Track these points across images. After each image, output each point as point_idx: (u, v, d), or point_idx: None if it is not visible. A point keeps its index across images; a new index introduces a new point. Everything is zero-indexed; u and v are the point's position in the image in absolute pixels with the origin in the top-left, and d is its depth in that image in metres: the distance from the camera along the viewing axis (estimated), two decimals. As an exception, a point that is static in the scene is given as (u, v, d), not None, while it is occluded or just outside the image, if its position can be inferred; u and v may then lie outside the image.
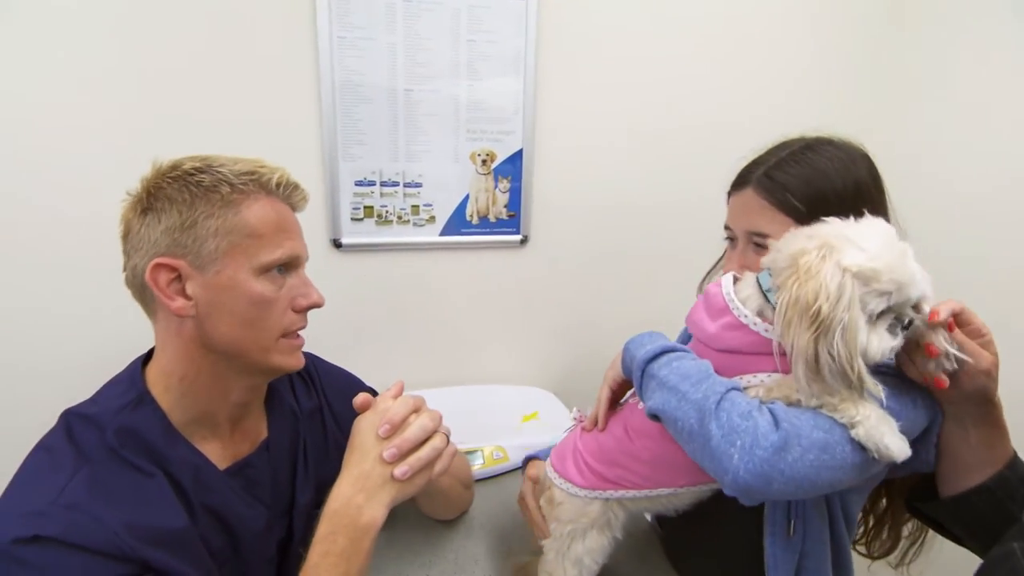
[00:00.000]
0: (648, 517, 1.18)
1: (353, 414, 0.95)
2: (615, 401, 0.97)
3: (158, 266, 0.74)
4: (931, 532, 0.93)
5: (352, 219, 1.53)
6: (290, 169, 0.83)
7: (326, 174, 1.48)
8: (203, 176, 0.75)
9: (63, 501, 0.67)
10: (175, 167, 0.76)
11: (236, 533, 0.82)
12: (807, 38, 1.74)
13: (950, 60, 1.63)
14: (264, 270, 0.77)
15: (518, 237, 1.67)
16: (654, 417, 0.78)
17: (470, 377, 1.71)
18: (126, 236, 0.78)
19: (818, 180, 0.83)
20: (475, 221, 1.62)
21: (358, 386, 1.10)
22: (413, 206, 1.56)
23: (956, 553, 0.87)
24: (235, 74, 1.38)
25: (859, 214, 0.74)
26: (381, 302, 1.61)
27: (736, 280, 0.82)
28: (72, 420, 0.75)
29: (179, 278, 0.75)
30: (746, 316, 0.76)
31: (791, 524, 0.85)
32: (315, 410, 1.00)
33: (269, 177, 0.78)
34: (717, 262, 1.08)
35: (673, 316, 1.72)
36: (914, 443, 0.73)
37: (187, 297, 0.75)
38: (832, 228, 0.72)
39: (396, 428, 0.80)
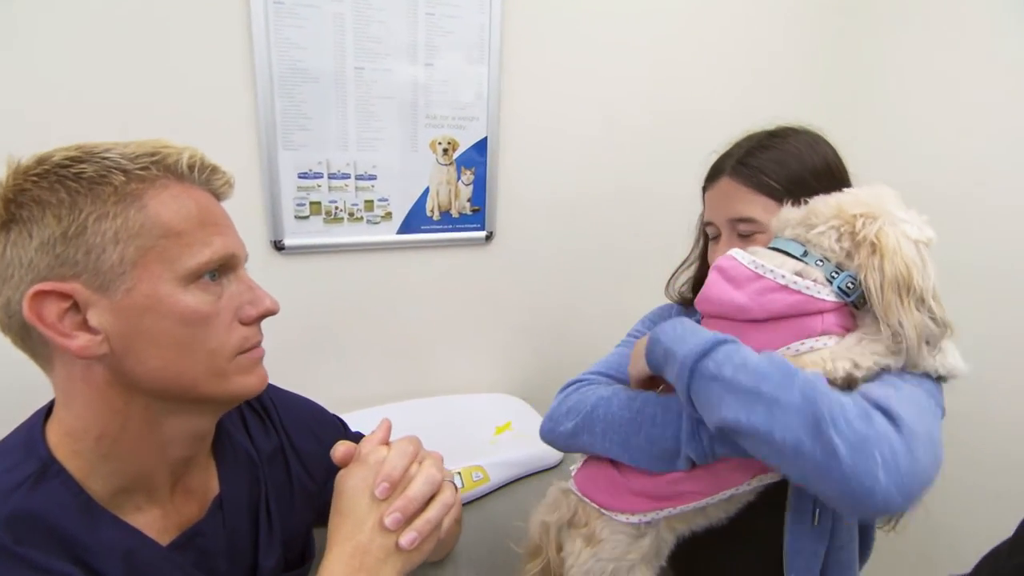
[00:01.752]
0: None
1: (321, 452, 0.84)
2: None
3: (40, 295, 0.57)
4: None
5: (296, 217, 1.37)
6: (220, 161, 0.68)
7: (264, 165, 1.31)
8: (83, 166, 0.58)
9: None
10: (41, 161, 0.59)
11: None
12: (782, 26, 1.74)
13: (913, 56, 1.66)
14: (192, 277, 0.62)
15: (483, 233, 1.56)
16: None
17: (433, 388, 1.60)
18: None
19: (791, 161, 0.86)
20: (436, 217, 1.50)
21: (326, 418, 0.96)
22: (366, 201, 1.42)
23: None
24: (143, 45, 1.17)
25: (832, 185, 0.82)
26: (331, 311, 1.46)
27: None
28: None
29: (75, 307, 0.58)
30: (784, 277, 0.73)
31: (816, 513, 0.82)
32: (276, 451, 0.85)
33: (177, 158, 0.63)
34: (683, 262, 1.09)
35: (646, 308, 1.71)
36: None
37: (91, 331, 0.59)
38: (864, 198, 0.75)
39: (396, 485, 0.67)
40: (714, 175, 0.93)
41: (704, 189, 0.96)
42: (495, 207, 1.55)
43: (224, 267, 0.65)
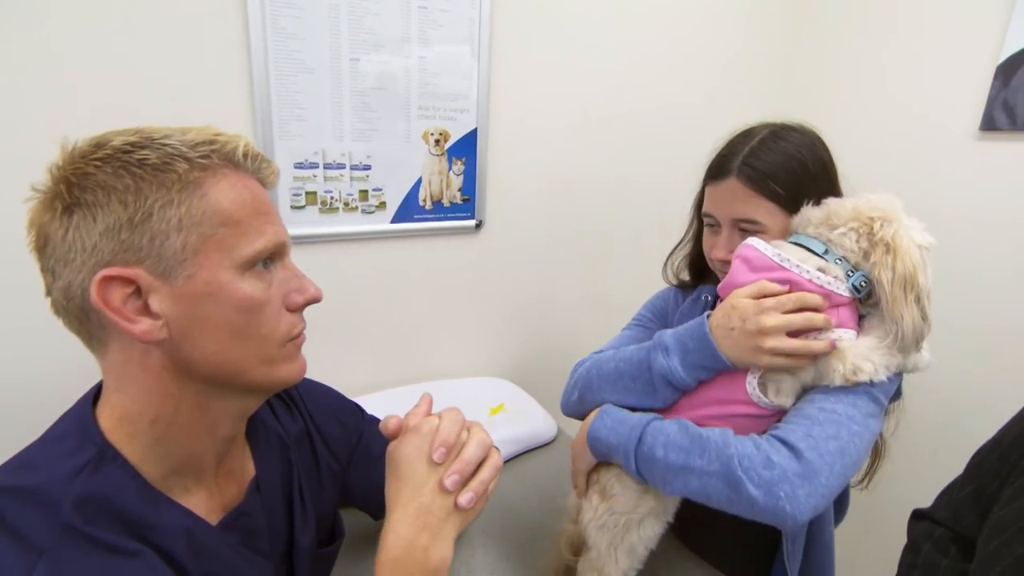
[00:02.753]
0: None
1: (343, 435, 0.92)
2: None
3: (108, 280, 0.58)
4: (887, 448, 1.03)
5: (292, 207, 1.38)
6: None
7: (260, 156, 1.32)
8: (145, 152, 0.59)
9: None
10: (100, 145, 0.59)
11: None
12: (744, 27, 1.84)
13: (863, 52, 1.80)
14: (248, 265, 0.63)
15: (473, 222, 1.60)
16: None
17: (427, 373, 1.65)
18: (43, 248, 0.60)
19: (794, 165, 0.92)
20: (428, 206, 1.53)
21: (345, 403, 1.00)
22: (361, 191, 1.44)
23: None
24: (144, 34, 1.17)
25: (829, 189, 0.92)
26: (327, 299, 1.44)
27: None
28: None
29: (138, 292, 0.59)
30: (808, 272, 0.82)
31: None
32: (302, 434, 0.88)
33: (234, 147, 0.64)
34: (678, 244, 1.15)
35: (631, 297, 1.78)
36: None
37: (153, 316, 0.60)
38: (879, 204, 0.83)
39: (452, 450, 0.71)
40: (720, 173, 0.96)
41: (706, 182, 1.00)
42: (484, 197, 1.59)
43: (274, 255, 0.67)
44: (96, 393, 0.67)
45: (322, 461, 0.89)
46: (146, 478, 0.63)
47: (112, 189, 0.58)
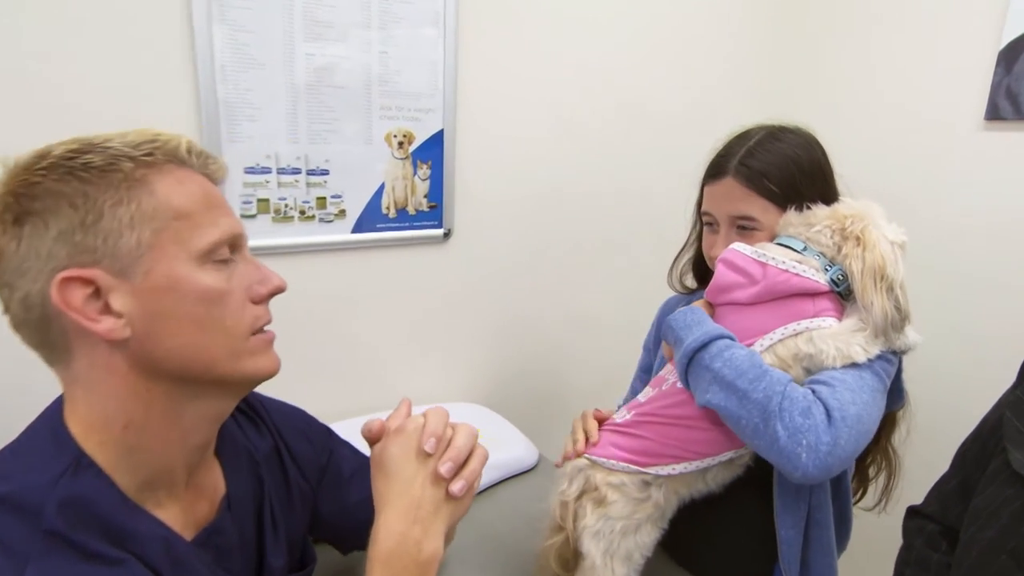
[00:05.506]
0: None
1: (315, 455, 0.95)
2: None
3: (67, 281, 0.60)
4: (902, 471, 1.11)
5: (243, 216, 1.32)
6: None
7: (206, 159, 1.26)
8: (89, 156, 0.62)
9: None
10: (42, 156, 0.63)
11: None
12: (727, 31, 1.87)
13: (847, 56, 1.84)
14: (205, 257, 0.66)
15: (440, 231, 1.56)
16: (704, 406, 0.90)
17: (392, 400, 1.45)
18: None
19: (789, 164, 1.00)
20: (392, 214, 1.49)
21: (313, 423, 1.01)
22: (319, 198, 1.40)
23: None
24: (75, 27, 1.11)
25: (825, 188, 1.01)
26: (281, 318, 1.37)
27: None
28: None
29: (97, 292, 0.62)
30: (784, 263, 0.92)
31: None
32: (272, 452, 0.89)
33: (176, 144, 0.67)
34: (682, 249, 1.22)
35: (618, 315, 1.83)
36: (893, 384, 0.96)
37: (115, 314, 0.63)
38: (855, 206, 0.95)
39: (442, 441, 0.76)
40: (717, 172, 1.04)
41: (705, 183, 1.08)
42: (452, 203, 1.56)
43: (232, 247, 0.70)
44: (61, 405, 0.69)
45: (292, 480, 0.90)
46: (120, 488, 0.65)
47: (60, 194, 0.61)
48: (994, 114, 1.51)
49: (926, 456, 1.10)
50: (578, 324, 1.83)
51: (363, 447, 0.90)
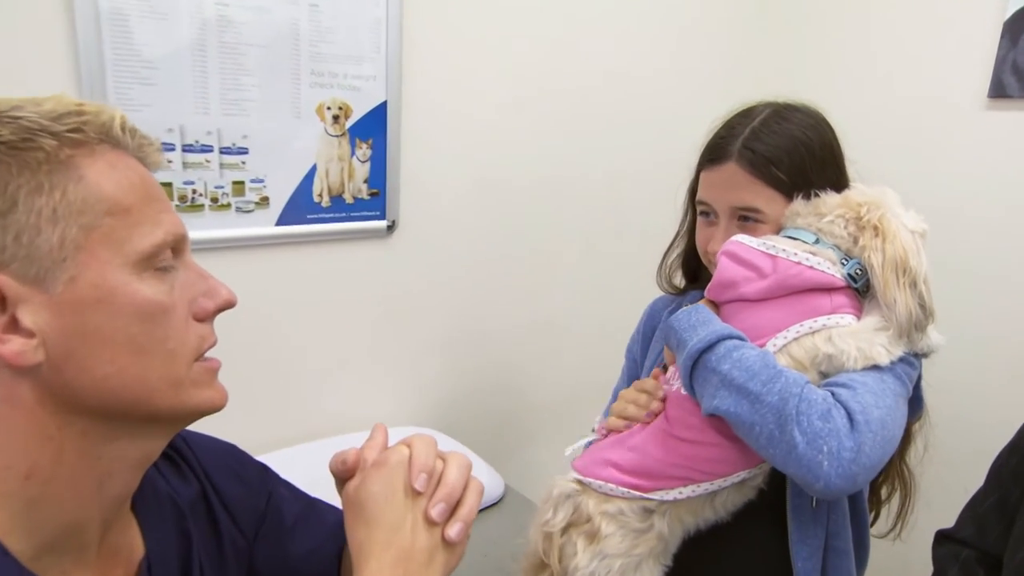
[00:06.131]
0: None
1: (251, 498, 0.87)
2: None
3: None
4: (916, 497, 1.08)
5: (138, 203, 1.14)
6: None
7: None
8: None
9: None
10: None
11: None
12: (699, 10, 1.81)
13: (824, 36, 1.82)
14: (145, 263, 0.60)
15: (383, 223, 1.47)
16: (712, 414, 0.87)
17: (327, 426, 1.50)
18: None
19: (799, 149, 0.95)
20: (326, 203, 1.40)
21: (246, 459, 0.91)
22: (235, 183, 1.29)
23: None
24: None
25: (836, 175, 0.97)
26: None
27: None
28: None
29: (2, 305, 0.56)
30: (796, 255, 0.89)
31: (813, 498, 0.94)
32: (198, 499, 0.81)
33: (109, 118, 0.60)
34: (673, 240, 1.16)
35: (584, 321, 1.73)
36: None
37: (25, 333, 0.56)
38: (869, 193, 0.91)
39: (433, 476, 0.69)
40: (717, 156, 0.98)
41: (701, 167, 1.01)
42: (397, 190, 1.47)
43: (174, 250, 0.63)
44: None
45: (224, 531, 0.83)
46: (15, 556, 0.59)
47: None
48: (999, 91, 1.47)
49: (943, 475, 1.07)
50: (543, 332, 1.78)
51: (300, 481, 0.87)
